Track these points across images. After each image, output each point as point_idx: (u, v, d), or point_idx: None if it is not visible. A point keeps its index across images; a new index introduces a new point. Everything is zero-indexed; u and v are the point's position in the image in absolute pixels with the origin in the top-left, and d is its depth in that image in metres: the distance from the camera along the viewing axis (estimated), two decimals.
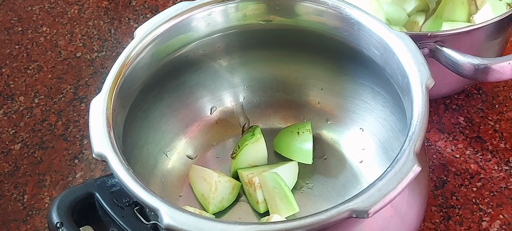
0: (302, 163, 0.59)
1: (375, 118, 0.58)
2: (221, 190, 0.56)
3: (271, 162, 0.60)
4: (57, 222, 0.43)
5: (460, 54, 0.54)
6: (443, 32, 0.56)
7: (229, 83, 0.63)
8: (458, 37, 0.56)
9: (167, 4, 0.86)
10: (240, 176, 0.58)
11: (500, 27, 0.59)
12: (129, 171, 0.42)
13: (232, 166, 0.59)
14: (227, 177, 0.57)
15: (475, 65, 0.53)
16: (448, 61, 0.54)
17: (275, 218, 0.52)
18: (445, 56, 0.55)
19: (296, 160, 0.59)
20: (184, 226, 0.39)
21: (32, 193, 0.63)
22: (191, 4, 0.55)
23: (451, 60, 0.54)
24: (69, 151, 0.67)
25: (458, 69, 0.54)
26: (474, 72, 0.53)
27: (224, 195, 0.56)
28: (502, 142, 0.65)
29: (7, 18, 0.85)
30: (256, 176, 0.56)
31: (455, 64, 0.54)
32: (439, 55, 0.55)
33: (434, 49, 0.55)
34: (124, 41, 0.81)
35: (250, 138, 0.58)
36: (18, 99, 0.73)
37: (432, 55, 0.56)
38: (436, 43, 0.55)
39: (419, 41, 0.54)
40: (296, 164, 0.58)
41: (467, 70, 0.53)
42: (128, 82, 0.51)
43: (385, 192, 0.39)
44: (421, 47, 0.53)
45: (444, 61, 0.55)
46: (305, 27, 0.56)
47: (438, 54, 0.55)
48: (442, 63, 0.55)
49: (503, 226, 0.58)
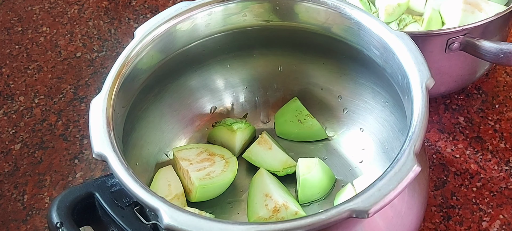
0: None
1: (375, 118, 0.58)
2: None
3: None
4: (57, 222, 0.43)
5: (492, 42, 0.57)
6: (472, 25, 0.58)
7: (229, 83, 0.63)
8: (485, 27, 0.59)
9: (167, 4, 0.86)
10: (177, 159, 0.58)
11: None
12: (129, 171, 0.42)
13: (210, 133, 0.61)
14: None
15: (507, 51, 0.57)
16: (481, 51, 0.58)
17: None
18: (478, 46, 0.58)
19: (317, 139, 0.60)
20: (184, 226, 0.39)
21: (32, 193, 0.63)
22: (191, 4, 0.55)
23: (485, 50, 0.57)
24: (69, 151, 0.67)
25: (488, 56, 0.58)
26: (504, 57, 0.57)
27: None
28: (502, 142, 0.65)
29: (7, 18, 0.85)
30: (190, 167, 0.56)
31: (488, 53, 0.57)
32: (470, 46, 0.58)
33: (464, 42, 0.58)
34: (124, 41, 0.81)
35: (237, 124, 0.59)
36: (18, 99, 0.73)
37: (463, 48, 0.59)
38: (465, 36, 0.58)
39: (453, 36, 0.58)
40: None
41: (498, 56, 0.57)
42: (128, 82, 0.51)
43: (385, 192, 0.39)
44: (451, 42, 0.58)
45: (476, 51, 0.58)
46: (305, 27, 0.56)
47: (470, 45, 0.58)
48: (474, 53, 0.59)
49: (503, 226, 0.58)
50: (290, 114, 0.61)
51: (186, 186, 0.56)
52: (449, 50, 0.59)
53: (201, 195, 0.55)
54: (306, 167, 0.56)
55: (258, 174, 0.57)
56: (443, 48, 0.59)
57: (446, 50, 0.59)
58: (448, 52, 0.59)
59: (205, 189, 0.55)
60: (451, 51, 0.59)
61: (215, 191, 0.56)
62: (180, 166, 0.56)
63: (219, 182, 0.56)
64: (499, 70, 0.73)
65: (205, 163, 0.57)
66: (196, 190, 0.54)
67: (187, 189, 0.56)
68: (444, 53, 0.60)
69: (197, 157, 0.57)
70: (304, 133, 0.60)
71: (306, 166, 0.56)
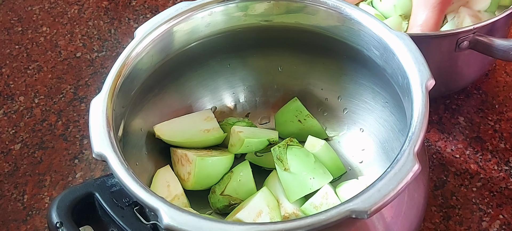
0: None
1: (375, 118, 0.58)
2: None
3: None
4: (57, 222, 0.43)
5: (503, 40, 0.58)
6: (480, 24, 0.59)
7: (229, 83, 0.63)
8: (492, 26, 0.60)
9: (167, 4, 0.86)
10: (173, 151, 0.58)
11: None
12: (129, 171, 0.42)
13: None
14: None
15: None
16: (491, 48, 0.59)
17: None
18: (487, 44, 0.59)
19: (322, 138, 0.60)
20: (183, 226, 0.39)
21: (32, 193, 0.63)
22: (191, 4, 0.54)
23: (495, 47, 0.58)
24: (69, 151, 0.67)
25: (498, 53, 0.59)
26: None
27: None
28: (502, 142, 0.65)
29: (7, 18, 0.85)
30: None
31: (498, 50, 0.58)
32: (480, 44, 0.59)
33: (474, 40, 0.59)
34: (124, 41, 0.81)
35: (240, 123, 0.60)
36: (18, 99, 0.73)
37: (472, 46, 0.60)
38: (474, 34, 0.59)
39: (463, 35, 0.59)
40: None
41: (508, 53, 0.58)
42: (128, 82, 0.51)
43: (385, 192, 0.39)
44: (461, 41, 0.59)
45: (486, 49, 0.59)
46: (305, 27, 0.56)
47: (479, 43, 0.59)
48: (483, 51, 0.60)
49: (503, 226, 0.58)
50: (290, 115, 0.61)
51: (183, 174, 0.56)
52: (458, 49, 0.60)
53: (199, 175, 0.55)
54: (311, 144, 0.57)
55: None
56: (453, 47, 0.60)
57: (456, 49, 0.60)
58: (458, 51, 0.60)
59: (204, 164, 0.55)
60: (461, 50, 0.60)
61: (214, 170, 0.56)
62: (177, 155, 0.56)
63: (217, 161, 0.56)
64: (499, 70, 0.73)
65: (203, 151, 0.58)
66: (195, 165, 0.54)
67: (184, 177, 0.56)
68: (454, 52, 0.60)
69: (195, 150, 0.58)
70: (304, 133, 0.60)
71: (312, 143, 0.57)
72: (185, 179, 0.56)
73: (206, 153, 0.57)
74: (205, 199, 0.57)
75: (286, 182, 0.54)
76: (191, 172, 0.55)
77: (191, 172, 0.55)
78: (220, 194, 0.56)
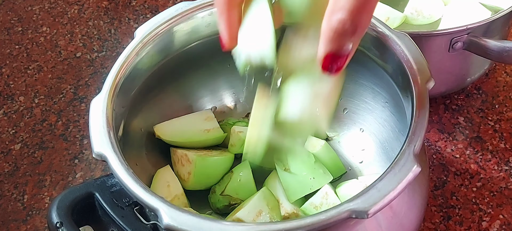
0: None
1: (375, 118, 0.58)
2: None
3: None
4: (57, 222, 0.43)
5: (496, 41, 0.58)
6: (475, 24, 0.59)
7: (229, 83, 0.63)
8: (488, 26, 0.60)
9: (167, 4, 0.86)
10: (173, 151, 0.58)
11: None
12: (129, 171, 0.42)
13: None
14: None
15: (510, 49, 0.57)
16: (485, 49, 0.58)
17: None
18: (481, 45, 0.58)
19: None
20: (183, 226, 0.39)
21: (32, 193, 0.63)
22: (191, 4, 0.54)
23: (489, 49, 0.58)
24: (69, 151, 0.67)
25: (493, 55, 0.58)
26: (508, 56, 0.58)
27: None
28: (502, 142, 0.65)
29: (7, 18, 0.85)
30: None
31: (492, 52, 0.58)
32: (474, 45, 0.59)
33: (468, 41, 0.59)
34: (124, 41, 0.81)
35: (240, 123, 0.59)
36: (18, 99, 0.73)
37: (466, 47, 0.59)
38: (468, 35, 0.59)
39: (457, 35, 0.58)
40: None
41: (502, 55, 0.58)
42: (128, 82, 0.51)
43: (385, 192, 0.39)
44: (455, 42, 0.59)
45: (480, 50, 0.59)
46: None
47: (473, 44, 0.59)
48: (477, 52, 0.59)
49: (503, 226, 0.58)
50: None
51: (183, 174, 0.56)
52: (452, 50, 0.60)
53: (199, 175, 0.55)
54: (311, 145, 0.57)
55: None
56: (447, 47, 0.60)
57: (449, 50, 0.60)
58: (452, 51, 0.60)
59: (204, 164, 0.55)
60: (455, 51, 0.60)
61: (214, 170, 0.56)
62: (177, 155, 0.56)
63: (217, 161, 0.56)
64: (499, 70, 0.73)
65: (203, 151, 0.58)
66: (195, 165, 0.54)
67: (184, 177, 0.56)
68: (448, 52, 0.60)
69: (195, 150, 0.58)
70: None
71: (312, 143, 0.57)
72: (185, 179, 0.56)
73: (206, 153, 0.57)
74: (205, 199, 0.57)
75: (286, 182, 0.54)
76: (191, 172, 0.55)
77: (191, 172, 0.55)
78: (220, 194, 0.55)
